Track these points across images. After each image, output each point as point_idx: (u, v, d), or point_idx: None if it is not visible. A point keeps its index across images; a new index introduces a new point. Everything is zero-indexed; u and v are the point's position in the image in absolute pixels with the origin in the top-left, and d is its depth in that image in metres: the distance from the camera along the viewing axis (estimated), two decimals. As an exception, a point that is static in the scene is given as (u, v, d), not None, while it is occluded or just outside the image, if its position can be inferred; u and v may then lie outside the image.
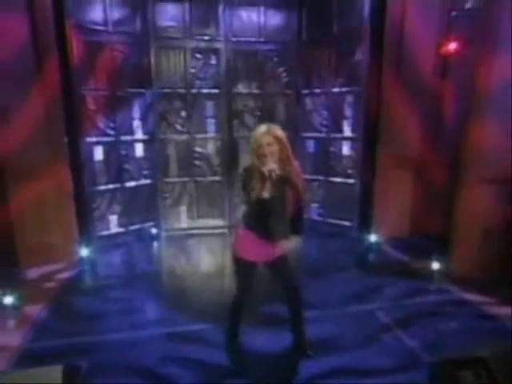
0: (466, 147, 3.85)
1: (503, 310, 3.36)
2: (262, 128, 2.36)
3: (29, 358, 2.72)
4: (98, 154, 4.77)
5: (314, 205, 5.65)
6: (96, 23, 4.59)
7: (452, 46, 4.09)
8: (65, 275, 4.12)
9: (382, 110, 4.82)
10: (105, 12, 4.62)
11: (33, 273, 4.06)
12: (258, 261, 2.54)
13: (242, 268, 2.56)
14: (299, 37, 5.24)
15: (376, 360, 2.78)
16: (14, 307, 3.38)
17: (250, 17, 5.12)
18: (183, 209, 5.47)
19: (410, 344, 2.98)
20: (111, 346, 2.91)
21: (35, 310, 3.38)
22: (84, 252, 4.46)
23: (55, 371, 1.96)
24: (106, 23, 4.64)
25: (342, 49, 5.01)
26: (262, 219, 2.38)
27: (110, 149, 4.88)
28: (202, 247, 5.12)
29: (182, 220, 5.48)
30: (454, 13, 4.11)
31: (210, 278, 4.19)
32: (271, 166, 2.25)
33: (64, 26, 4.27)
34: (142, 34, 4.88)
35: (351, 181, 5.25)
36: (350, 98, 5.10)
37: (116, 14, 4.70)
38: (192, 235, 5.40)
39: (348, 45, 4.94)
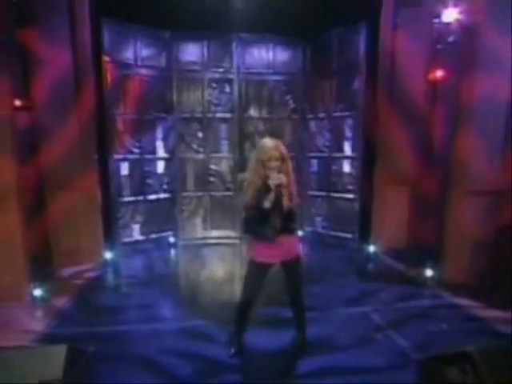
0: (454, 162, 3.91)
1: (491, 313, 3.34)
2: (270, 142, 2.42)
3: (50, 340, 2.89)
4: (124, 169, 5.05)
5: (318, 218, 5.70)
6: (127, 58, 4.94)
7: (439, 73, 4.24)
8: (90, 275, 4.26)
9: (378, 132, 4.95)
10: (135, 49, 4.97)
11: (63, 271, 4.23)
12: (275, 262, 2.56)
13: (258, 271, 2.55)
14: (304, 69, 5.55)
15: (369, 359, 2.79)
16: (43, 299, 3.53)
17: (260, 52, 5.51)
18: (199, 220, 5.66)
19: (401, 344, 2.98)
20: (123, 336, 3.02)
21: (61, 303, 3.52)
22: (108, 255, 4.62)
23: (59, 350, 1.87)
24: (135, 58, 4.99)
25: (342, 79, 5.28)
26: (262, 225, 2.41)
27: (134, 165, 5.16)
28: (214, 255, 5.31)
29: (198, 230, 5.64)
30: (439, 45, 4.26)
31: (221, 283, 4.39)
32: (278, 180, 2.31)
33: (100, 59, 4.60)
34: (166, 67, 5.22)
35: (351, 196, 5.36)
36: (349, 122, 5.31)
37: (144, 51, 5.05)
38: (206, 244, 5.55)
39: (346, 75, 5.25)
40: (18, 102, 3.76)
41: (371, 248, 5.05)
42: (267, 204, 2.31)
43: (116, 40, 4.86)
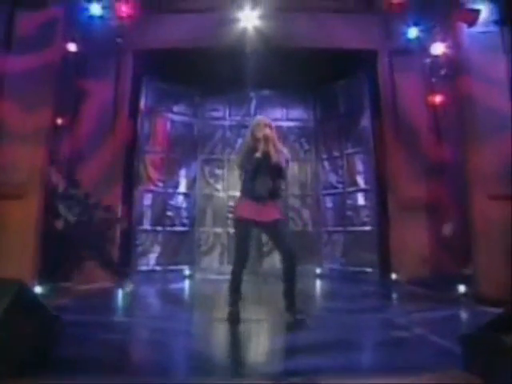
0: (470, 169, 3.75)
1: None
2: (260, 116, 3.03)
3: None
4: (147, 200, 5.06)
5: (337, 254, 5.33)
6: (161, 107, 5.43)
7: (437, 99, 4.38)
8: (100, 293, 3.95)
9: (388, 163, 4.91)
10: (167, 100, 5.50)
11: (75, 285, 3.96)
12: (254, 219, 2.56)
13: (242, 227, 2.60)
14: (314, 115, 5.82)
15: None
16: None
17: (274, 103, 5.85)
18: (215, 255, 5.37)
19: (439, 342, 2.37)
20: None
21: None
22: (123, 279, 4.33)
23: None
24: (168, 107, 5.49)
25: (349, 120, 5.47)
26: (253, 180, 2.56)
27: (157, 197, 5.19)
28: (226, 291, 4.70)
29: (214, 265, 5.31)
30: (433, 79, 4.52)
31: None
32: (265, 131, 2.60)
33: (138, 104, 5.09)
34: (192, 115, 5.65)
35: (368, 228, 5.05)
36: (360, 157, 5.31)
37: (176, 102, 5.59)
38: (221, 280, 5.12)
39: (353, 117, 5.43)
40: (59, 120, 4.10)
41: (394, 279, 4.54)
42: (258, 154, 2.50)
43: (153, 93, 5.45)
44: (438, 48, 4.24)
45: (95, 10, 4.40)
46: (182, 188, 5.51)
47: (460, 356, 1.78)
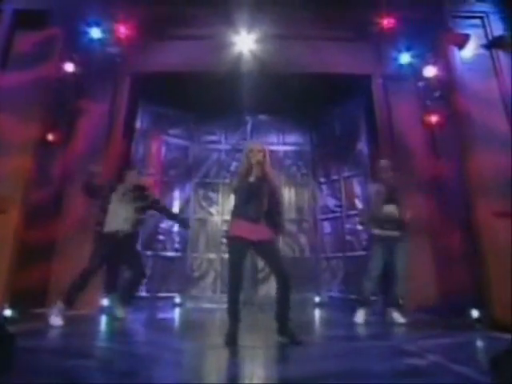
0: (471, 186, 3.58)
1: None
2: (254, 141, 3.01)
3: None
4: (139, 223, 4.77)
5: (335, 282, 4.98)
6: (156, 129, 5.34)
7: (433, 119, 4.31)
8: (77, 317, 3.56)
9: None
10: (163, 123, 5.42)
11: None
12: (247, 238, 2.47)
13: (236, 246, 2.49)
14: (311, 139, 5.73)
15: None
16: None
17: (271, 128, 5.78)
18: (208, 282, 5.01)
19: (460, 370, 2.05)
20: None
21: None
22: (105, 306, 3.96)
23: None
24: (163, 130, 5.40)
25: (346, 144, 5.38)
26: (246, 203, 2.51)
27: (148, 220, 4.91)
28: (219, 321, 4.26)
29: (206, 293, 4.93)
30: (427, 101, 4.49)
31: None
32: (258, 157, 2.58)
33: (132, 126, 4.99)
34: (188, 138, 5.56)
35: (369, 253, 4.73)
36: (358, 180, 5.14)
37: (171, 125, 5.51)
38: (214, 309, 4.73)
39: (349, 140, 5.34)
40: (50, 136, 3.94)
41: (399, 306, 4.18)
42: (251, 179, 2.48)
43: (148, 116, 5.39)
44: (430, 71, 4.26)
45: (95, 33, 4.43)
46: (175, 211, 5.25)
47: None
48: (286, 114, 5.76)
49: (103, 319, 3.70)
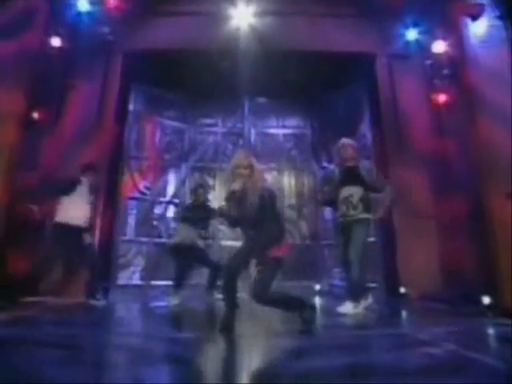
0: (483, 166, 3.36)
1: None
2: (240, 153, 2.53)
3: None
4: (132, 209, 4.55)
5: (336, 269, 4.78)
6: (151, 111, 5.05)
7: (441, 98, 4.06)
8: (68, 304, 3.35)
9: (389, 171, 4.51)
10: (158, 104, 5.13)
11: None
12: None
13: None
14: (312, 122, 5.48)
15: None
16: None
17: (270, 109, 5.52)
18: (205, 269, 4.76)
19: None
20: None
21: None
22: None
23: None
24: (158, 112, 5.10)
25: (347, 128, 5.11)
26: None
27: (142, 206, 4.69)
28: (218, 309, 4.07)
29: (203, 281, 4.70)
30: (435, 80, 4.23)
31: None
32: (233, 186, 2.29)
33: (126, 108, 4.71)
34: (183, 121, 5.28)
35: (371, 240, 4.52)
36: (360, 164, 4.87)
37: (166, 107, 5.22)
38: (212, 298, 4.51)
39: (351, 124, 5.08)
40: (35, 114, 3.67)
41: (402, 294, 4.01)
42: (232, 211, 2.31)
43: (142, 97, 5.10)
44: (440, 46, 3.99)
45: (82, 5, 4.11)
46: (171, 197, 5.01)
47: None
48: (286, 96, 5.48)
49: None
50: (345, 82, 5.20)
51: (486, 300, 3.05)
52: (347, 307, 2.99)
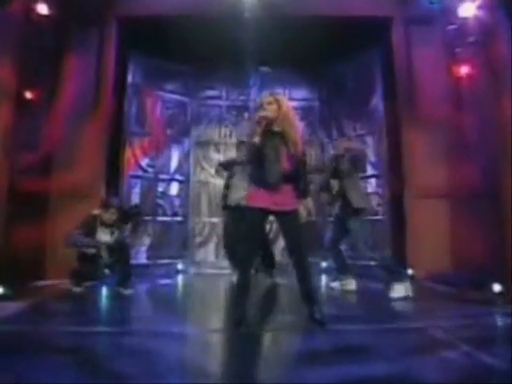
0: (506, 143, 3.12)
1: None
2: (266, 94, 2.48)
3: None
4: (135, 187, 4.40)
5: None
6: (150, 84, 4.74)
7: (463, 70, 3.71)
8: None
9: (402, 145, 4.27)
10: (158, 77, 4.80)
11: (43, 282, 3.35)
12: (267, 207, 2.22)
13: (253, 216, 2.25)
14: (320, 93, 5.16)
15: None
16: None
17: (276, 80, 5.19)
18: (211, 247, 4.75)
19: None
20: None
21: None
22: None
23: None
24: (158, 85, 4.79)
25: (358, 99, 4.83)
26: (259, 167, 2.24)
27: (146, 184, 4.54)
28: (224, 285, 4.08)
29: (209, 258, 4.69)
30: (458, 49, 3.84)
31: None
32: (263, 112, 2.23)
33: (124, 81, 4.42)
34: (185, 93, 4.98)
35: (380, 217, 4.41)
36: (369, 140, 4.64)
37: (167, 79, 4.89)
38: (218, 275, 4.51)
39: (363, 95, 4.78)
40: (28, 94, 3.43)
41: (409, 274, 3.95)
42: (256, 139, 2.17)
43: (141, 69, 4.76)
44: (468, 9, 3.54)
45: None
46: (174, 174, 4.85)
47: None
48: (294, 65, 5.10)
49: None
50: (357, 50, 4.78)
51: (497, 287, 2.96)
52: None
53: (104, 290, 3.40)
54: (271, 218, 2.45)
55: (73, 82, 4.11)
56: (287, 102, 2.34)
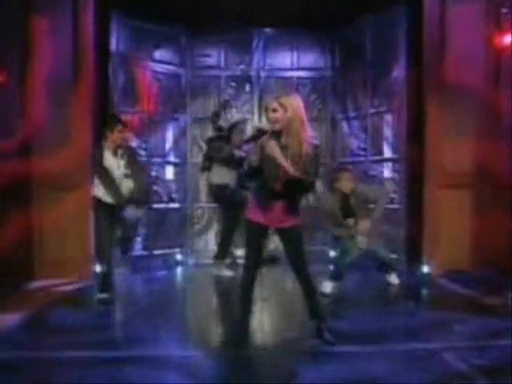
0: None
1: None
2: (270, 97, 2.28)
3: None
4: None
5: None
6: (137, 53, 4.27)
7: (507, 39, 3.19)
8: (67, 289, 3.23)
9: (427, 126, 3.85)
10: (146, 43, 4.32)
11: (35, 284, 3.23)
12: (266, 224, 2.19)
13: (254, 232, 2.23)
14: (332, 63, 4.64)
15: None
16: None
17: (283, 47, 4.64)
18: (211, 235, 4.57)
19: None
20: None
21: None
22: (97, 269, 3.58)
23: None
24: (146, 53, 4.32)
25: (377, 70, 4.28)
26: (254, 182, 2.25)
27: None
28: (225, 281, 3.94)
29: (210, 247, 4.54)
30: (504, 9, 3.28)
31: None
32: (259, 125, 2.37)
33: (107, 51, 3.97)
34: (179, 63, 4.52)
35: (395, 206, 4.12)
36: (388, 118, 4.21)
37: (157, 46, 4.40)
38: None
39: (383, 65, 4.21)
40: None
41: (424, 270, 3.77)
42: (253, 157, 2.08)
43: (126, 34, 4.24)
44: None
45: None
46: (169, 156, 4.54)
47: None
48: (303, 28, 4.49)
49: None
50: (378, 6, 4.16)
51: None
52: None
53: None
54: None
55: (45, 53, 3.68)
56: (297, 103, 2.05)
